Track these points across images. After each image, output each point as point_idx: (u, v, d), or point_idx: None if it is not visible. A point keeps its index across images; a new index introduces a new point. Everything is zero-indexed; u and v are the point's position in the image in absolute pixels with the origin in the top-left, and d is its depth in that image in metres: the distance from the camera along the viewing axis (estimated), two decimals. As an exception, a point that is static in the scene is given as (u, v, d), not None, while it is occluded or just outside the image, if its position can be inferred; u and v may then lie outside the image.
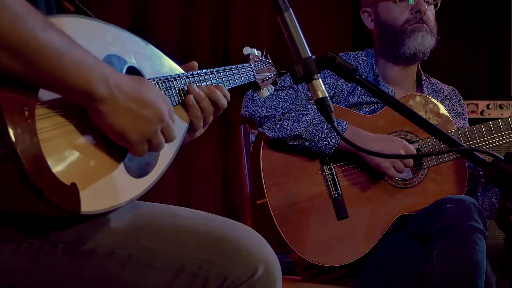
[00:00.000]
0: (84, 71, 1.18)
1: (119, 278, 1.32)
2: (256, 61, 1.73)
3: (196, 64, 1.59)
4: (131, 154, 1.31)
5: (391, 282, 2.41)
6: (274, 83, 1.79)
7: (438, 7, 2.67)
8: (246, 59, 1.71)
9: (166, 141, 1.34)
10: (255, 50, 1.76)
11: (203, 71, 1.54)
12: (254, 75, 1.70)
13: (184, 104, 1.49)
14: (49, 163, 1.16)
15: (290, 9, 1.38)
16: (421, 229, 2.38)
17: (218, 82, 1.57)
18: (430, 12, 2.64)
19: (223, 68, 1.59)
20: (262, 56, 1.77)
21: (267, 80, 1.75)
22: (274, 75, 1.78)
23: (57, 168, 1.17)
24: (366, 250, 2.46)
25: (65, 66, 1.16)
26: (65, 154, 1.20)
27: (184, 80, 1.49)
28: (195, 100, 1.48)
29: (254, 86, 1.72)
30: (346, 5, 4.39)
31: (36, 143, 1.14)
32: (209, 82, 1.54)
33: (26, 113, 1.14)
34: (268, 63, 1.78)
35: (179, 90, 1.47)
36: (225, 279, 1.33)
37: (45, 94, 1.19)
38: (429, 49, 2.64)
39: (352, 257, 2.45)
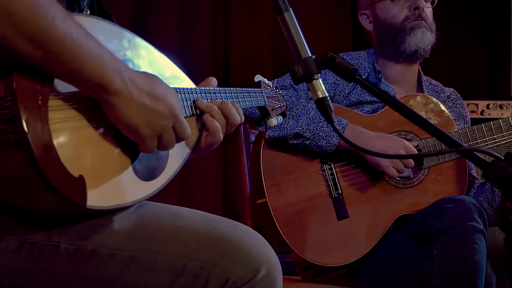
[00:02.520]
0: (100, 64, 1.19)
1: (121, 279, 1.32)
2: (266, 89, 1.76)
3: (214, 80, 1.59)
4: (141, 149, 1.31)
5: (391, 282, 2.41)
6: (283, 114, 1.82)
7: (435, 4, 2.68)
8: (257, 85, 1.75)
9: (179, 138, 1.34)
10: (266, 79, 1.80)
11: (215, 89, 1.55)
12: (265, 101, 1.73)
13: (199, 116, 1.50)
14: (59, 152, 1.16)
15: (290, 9, 1.38)
16: (421, 229, 2.38)
17: (229, 101, 1.57)
18: (427, 9, 2.65)
19: (235, 89, 1.61)
20: (272, 86, 1.80)
21: (276, 109, 1.78)
22: (283, 105, 1.81)
23: (66, 159, 1.18)
24: (366, 250, 2.46)
25: (82, 57, 1.17)
26: (75, 147, 1.21)
27: (196, 94, 1.50)
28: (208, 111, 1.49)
29: (264, 112, 1.75)
30: (346, 6, 4.38)
31: (47, 132, 1.15)
32: (220, 100, 1.54)
33: (40, 101, 1.15)
34: (278, 94, 1.81)
35: (191, 103, 1.48)
36: (227, 280, 1.33)
37: (60, 86, 1.20)
38: (429, 46, 2.64)
39: (352, 257, 2.45)
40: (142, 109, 1.26)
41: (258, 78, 1.77)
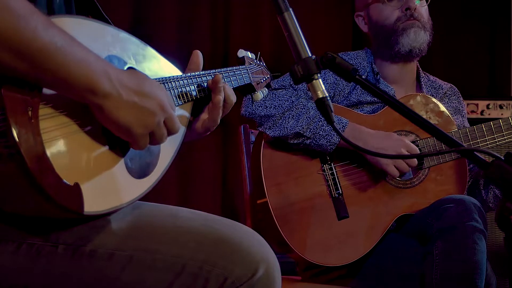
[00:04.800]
0: (86, 68, 1.19)
1: (119, 279, 1.32)
2: (251, 64, 1.73)
3: (199, 53, 1.59)
4: (133, 147, 1.31)
5: (391, 282, 2.41)
6: (268, 86, 1.80)
7: (429, 1, 2.67)
8: (241, 61, 1.72)
9: (170, 132, 1.34)
10: (249, 52, 1.76)
11: (201, 73, 1.55)
12: (250, 77, 1.71)
13: (197, 100, 1.49)
14: (53, 162, 1.16)
15: (290, 9, 1.38)
16: (422, 229, 2.38)
17: None
18: (422, 8, 2.64)
19: (219, 70, 1.60)
20: (256, 58, 1.78)
21: (261, 82, 1.76)
22: (268, 77, 1.80)
23: (60, 168, 1.18)
24: (366, 250, 2.46)
25: (68, 64, 1.17)
26: (69, 154, 1.21)
27: (182, 81, 1.49)
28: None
29: (249, 88, 1.73)
30: (346, 5, 4.38)
31: (39, 143, 1.15)
32: (205, 84, 1.54)
33: (30, 113, 1.15)
34: (262, 66, 1.78)
35: (179, 91, 1.48)
36: (225, 280, 1.34)
37: (48, 94, 1.20)
38: (424, 45, 2.64)
39: (352, 257, 2.45)
40: (133, 109, 1.26)
41: (241, 53, 1.73)
